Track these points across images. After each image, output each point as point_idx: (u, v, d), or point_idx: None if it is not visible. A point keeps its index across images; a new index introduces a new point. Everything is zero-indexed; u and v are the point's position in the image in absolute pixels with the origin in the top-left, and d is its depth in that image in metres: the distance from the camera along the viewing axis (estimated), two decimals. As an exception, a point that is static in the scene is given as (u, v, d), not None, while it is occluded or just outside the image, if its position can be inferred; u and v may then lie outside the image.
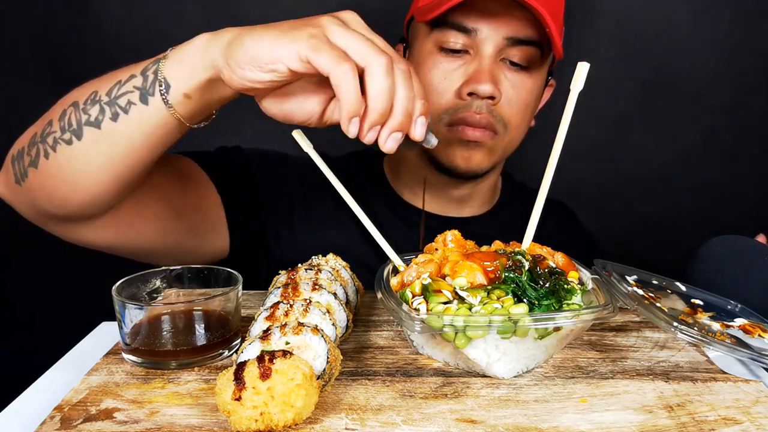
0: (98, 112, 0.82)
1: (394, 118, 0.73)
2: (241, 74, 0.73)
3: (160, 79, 0.79)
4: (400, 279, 0.78)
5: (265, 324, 0.73)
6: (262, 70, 0.72)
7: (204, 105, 0.82)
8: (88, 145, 0.83)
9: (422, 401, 0.68)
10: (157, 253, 1.05)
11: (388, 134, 0.74)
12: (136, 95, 0.80)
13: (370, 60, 0.70)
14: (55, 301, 1.88)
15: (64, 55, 1.76)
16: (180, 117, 0.81)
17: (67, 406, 0.67)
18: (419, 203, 1.29)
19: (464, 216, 1.31)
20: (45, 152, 0.85)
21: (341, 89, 0.69)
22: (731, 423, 0.65)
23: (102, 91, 0.83)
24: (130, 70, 0.83)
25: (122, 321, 0.76)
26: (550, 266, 0.77)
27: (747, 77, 1.87)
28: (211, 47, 0.76)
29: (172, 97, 0.79)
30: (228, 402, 0.60)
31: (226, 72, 0.75)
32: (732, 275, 1.02)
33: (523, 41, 1.08)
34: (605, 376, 0.75)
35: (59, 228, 0.96)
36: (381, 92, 0.71)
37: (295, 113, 0.81)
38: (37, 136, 0.87)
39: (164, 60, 0.80)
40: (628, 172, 1.97)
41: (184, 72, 0.78)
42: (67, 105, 0.85)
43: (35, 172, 0.87)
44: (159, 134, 0.83)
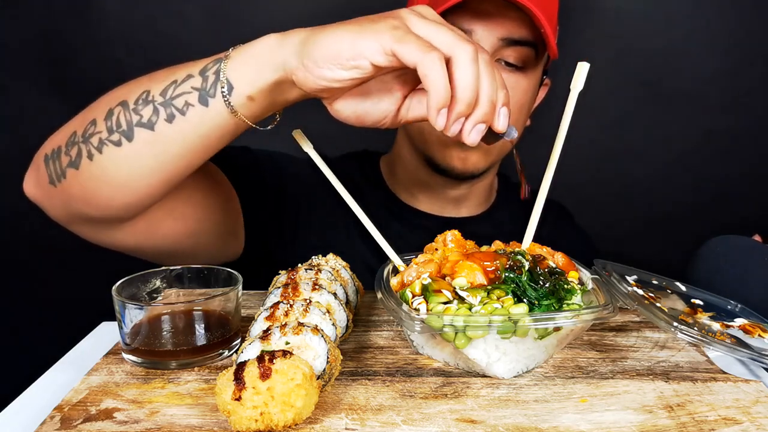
0: (152, 113, 0.78)
1: (480, 109, 0.70)
2: (318, 73, 0.70)
3: (222, 80, 0.76)
4: (400, 279, 0.78)
5: (265, 324, 0.73)
6: (344, 68, 0.69)
7: (267, 107, 0.79)
8: (139, 148, 0.79)
9: (422, 401, 0.68)
10: (181, 254, 1.03)
11: (472, 126, 0.71)
12: (195, 96, 0.77)
13: (456, 49, 0.68)
14: (55, 301, 1.88)
15: (64, 55, 1.76)
16: (243, 118, 0.78)
17: (67, 406, 0.67)
18: (416, 204, 1.29)
19: (461, 216, 1.31)
20: (88, 153, 0.82)
21: (430, 79, 0.66)
22: (731, 423, 0.65)
23: (155, 91, 0.79)
24: (186, 69, 0.80)
25: (122, 321, 0.76)
26: (550, 266, 0.77)
27: (747, 77, 1.87)
28: (282, 47, 0.73)
29: (235, 99, 0.76)
30: (228, 402, 0.60)
31: (300, 72, 0.71)
32: (732, 275, 1.02)
33: (518, 42, 1.08)
34: (605, 376, 0.75)
35: (89, 230, 0.93)
36: (469, 82, 0.68)
37: (370, 113, 0.78)
38: (78, 135, 0.83)
39: (227, 60, 0.76)
40: (628, 172, 1.97)
41: (250, 73, 0.75)
42: (114, 104, 0.82)
43: (75, 174, 0.83)
44: (216, 136, 0.80)
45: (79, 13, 1.73)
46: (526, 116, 1.20)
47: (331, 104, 0.77)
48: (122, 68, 1.68)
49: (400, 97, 0.78)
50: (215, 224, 1.07)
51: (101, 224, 0.91)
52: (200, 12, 1.75)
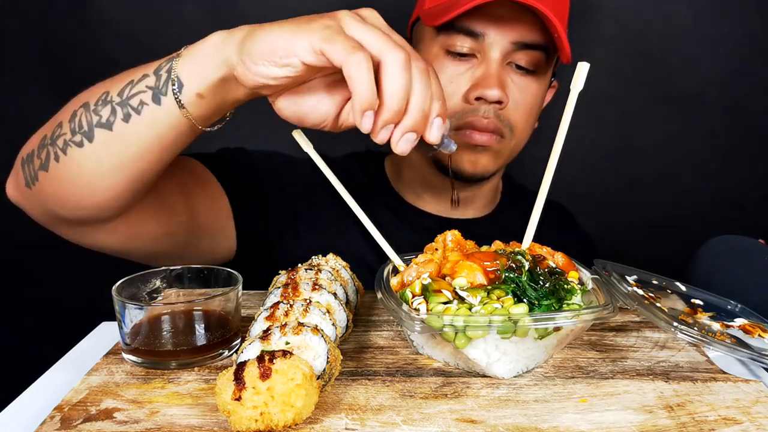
0: (110, 113, 0.80)
1: (409, 118, 0.70)
2: (255, 70, 0.71)
3: (173, 78, 0.77)
4: (400, 279, 0.78)
5: (265, 324, 0.73)
6: (276, 65, 0.70)
7: (217, 106, 0.80)
8: (99, 148, 0.81)
9: (422, 401, 0.68)
10: (167, 255, 1.04)
11: (401, 134, 0.71)
12: (149, 95, 0.78)
13: (386, 54, 0.68)
14: (55, 301, 1.88)
15: (64, 55, 1.76)
16: (192, 118, 0.79)
17: (67, 406, 0.67)
18: (422, 204, 1.29)
19: (466, 218, 1.31)
20: (55, 155, 0.83)
21: (354, 80, 0.66)
22: (731, 423, 0.65)
23: (114, 92, 0.81)
24: (143, 69, 0.81)
25: (122, 321, 0.75)
26: (550, 266, 0.77)
27: (747, 77, 1.87)
28: (226, 44, 0.74)
29: (185, 96, 0.77)
30: (228, 402, 0.60)
31: (239, 68, 0.72)
32: (732, 275, 1.02)
33: (530, 46, 1.08)
34: (605, 376, 0.75)
35: (70, 231, 0.95)
36: (396, 88, 0.68)
37: (310, 115, 0.78)
38: (47, 138, 0.85)
39: (177, 58, 0.78)
40: (628, 172, 1.97)
41: (198, 70, 0.76)
42: (78, 106, 0.83)
43: (46, 176, 0.85)
44: (171, 136, 0.81)
45: (78, 13, 1.73)
46: (535, 119, 1.20)
47: (274, 102, 0.78)
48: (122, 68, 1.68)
49: (341, 100, 0.78)
50: (200, 225, 1.07)
51: (78, 225, 0.92)
52: (200, 12, 1.75)
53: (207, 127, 0.83)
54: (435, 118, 0.72)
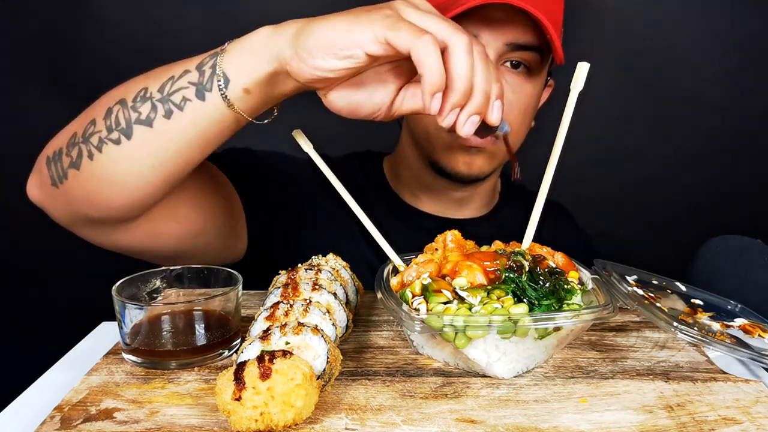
0: (150, 109, 0.79)
1: (474, 100, 0.70)
2: (312, 63, 0.70)
3: (219, 74, 0.76)
4: (400, 279, 0.78)
5: (265, 324, 0.73)
6: (337, 57, 0.69)
7: (263, 101, 0.79)
8: (138, 145, 0.79)
9: (422, 401, 0.68)
10: (183, 255, 1.03)
11: (467, 117, 0.71)
12: (192, 91, 0.77)
13: (451, 38, 0.68)
14: (55, 301, 1.88)
15: (64, 55, 1.76)
16: (240, 112, 0.78)
17: (67, 406, 0.67)
18: (420, 205, 1.29)
19: (464, 218, 1.31)
20: (89, 153, 0.82)
21: (424, 62, 0.65)
22: (731, 423, 0.65)
23: (153, 88, 0.79)
24: (183, 65, 0.80)
25: (122, 321, 0.76)
26: (550, 266, 0.77)
27: (747, 77, 1.87)
28: (277, 38, 0.73)
29: (231, 92, 0.76)
30: (228, 402, 0.60)
31: (294, 63, 0.71)
32: (732, 275, 1.02)
33: (524, 47, 1.08)
34: (605, 376, 0.75)
35: (93, 232, 0.93)
36: (464, 71, 0.68)
37: (364, 105, 0.77)
38: (78, 136, 0.83)
39: (223, 54, 0.77)
40: (628, 172, 1.97)
41: (246, 65, 0.75)
42: (113, 102, 0.82)
43: (76, 174, 0.83)
44: (214, 131, 0.80)
45: (79, 13, 1.73)
46: (530, 119, 1.20)
47: (326, 95, 0.77)
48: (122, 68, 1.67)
49: (394, 89, 0.78)
50: (217, 226, 1.07)
51: (103, 225, 0.91)
52: (200, 12, 1.75)
53: (256, 120, 0.82)
54: (495, 101, 0.73)
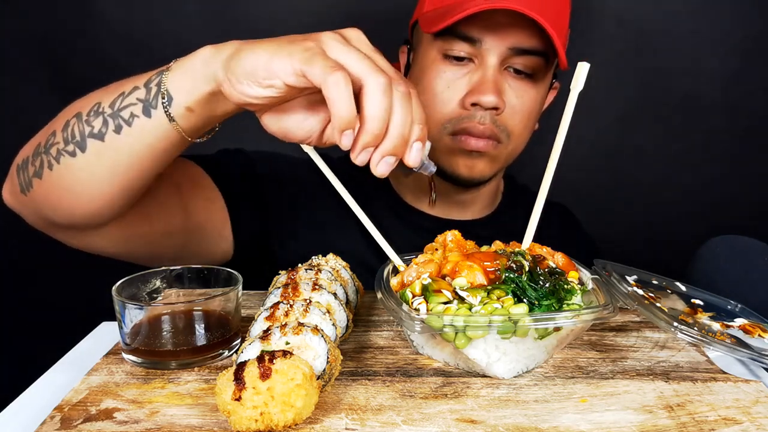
0: (101, 124, 0.81)
1: (388, 142, 0.70)
2: (239, 89, 0.71)
3: (163, 92, 0.77)
4: (400, 279, 0.78)
5: (265, 324, 0.73)
6: (260, 86, 0.70)
7: (206, 119, 0.80)
8: (91, 157, 0.82)
9: (422, 401, 0.68)
10: (164, 257, 1.05)
11: (380, 158, 0.70)
12: (139, 108, 0.79)
13: (367, 78, 0.68)
14: (55, 301, 1.88)
15: (64, 55, 1.76)
16: (182, 131, 0.79)
17: (67, 406, 0.67)
18: (421, 206, 1.29)
19: (466, 219, 1.31)
20: (49, 163, 0.84)
21: (332, 100, 0.65)
22: (731, 423, 0.65)
23: (105, 103, 0.82)
24: (134, 81, 0.82)
25: (122, 321, 0.76)
26: (550, 266, 0.77)
27: (747, 77, 1.87)
28: (213, 60, 0.74)
29: (175, 110, 0.78)
30: (228, 402, 0.60)
31: (226, 86, 0.73)
32: (732, 275, 1.02)
33: (528, 51, 1.08)
34: (605, 376, 0.75)
35: (64, 235, 0.96)
36: (376, 113, 0.67)
37: (294, 131, 0.78)
38: (41, 146, 0.86)
39: (167, 72, 0.78)
40: (628, 172, 1.97)
41: (187, 84, 0.76)
42: (71, 116, 0.84)
43: (40, 183, 0.86)
44: (162, 147, 0.82)
45: (78, 14, 1.73)
46: (534, 123, 1.20)
47: (260, 117, 0.78)
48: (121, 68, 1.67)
49: (325, 118, 0.78)
50: (196, 226, 1.08)
51: (72, 230, 0.93)
52: (200, 12, 1.75)
53: (197, 139, 0.84)
54: (414, 142, 0.72)
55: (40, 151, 0.86)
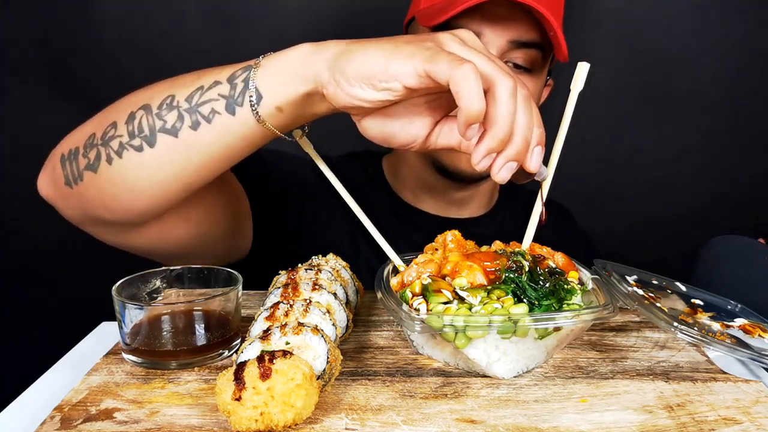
0: (176, 119, 0.76)
1: (513, 147, 0.66)
2: (349, 91, 0.68)
3: (251, 89, 0.73)
4: (400, 279, 0.78)
5: (265, 324, 0.73)
6: (375, 88, 0.67)
7: (295, 119, 0.76)
8: (160, 154, 0.77)
9: (422, 401, 0.68)
10: (189, 254, 1.02)
11: (503, 163, 0.67)
12: (222, 104, 0.75)
13: (496, 78, 0.64)
14: (55, 301, 1.88)
15: (65, 55, 1.76)
16: (271, 127, 0.76)
17: (67, 406, 0.67)
18: (420, 205, 1.29)
19: (464, 217, 1.31)
20: (108, 157, 0.80)
21: (462, 90, 0.61)
22: (731, 423, 0.65)
23: (180, 96, 0.77)
24: (214, 75, 0.77)
25: (122, 321, 0.76)
26: (550, 266, 0.77)
27: (747, 77, 1.87)
28: (315, 59, 0.70)
29: (263, 109, 0.73)
30: (228, 402, 0.60)
31: (331, 87, 0.69)
32: (732, 275, 1.02)
33: (527, 44, 1.08)
34: (605, 376, 0.75)
35: (103, 231, 0.92)
36: (505, 116, 0.64)
37: (398, 136, 0.74)
38: (97, 137, 0.81)
39: (257, 68, 0.74)
40: (628, 172, 1.97)
41: (281, 83, 0.72)
42: (136, 107, 0.79)
43: (93, 177, 0.81)
44: (241, 145, 0.78)
45: (79, 13, 1.73)
46: None
47: (360, 121, 0.75)
48: (122, 68, 1.68)
49: (431, 122, 0.74)
50: (225, 226, 1.06)
51: (115, 227, 0.90)
52: (200, 12, 1.75)
53: (287, 136, 0.80)
54: (535, 147, 0.70)
55: (96, 142, 0.81)
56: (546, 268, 0.76)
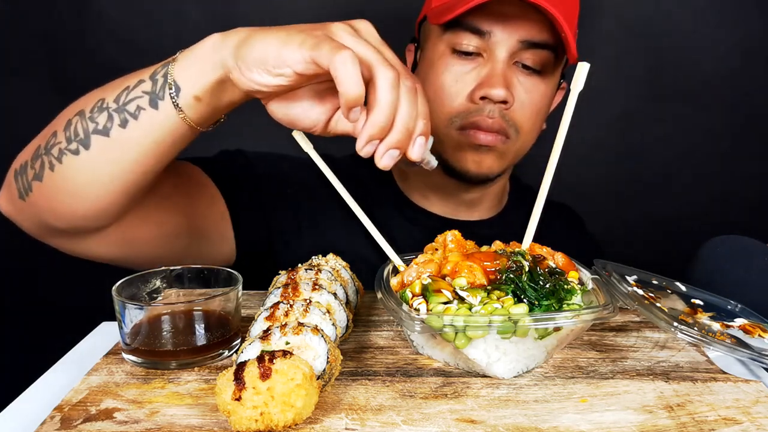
0: (106, 119, 0.80)
1: (393, 135, 0.71)
2: (249, 76, 0.72)
3: (170, 82, 0.77)
4: (400, 279, 0.78)
5: (265, 324, 0.73)
6: (270, 74, 0.71)
7: (214, 108, 0.80)
8: (96, 155, 0.81)
9: (422, 401, 0.68)
10: (166, 260, 1.02)
11: (384, 150, 0.72)
12: (146, 100, 0.79)
13: (376, 69, 0.68)
14: (55, 301, 1.88)
15: (64, 56, 1.76)
16: (190, 121, 0.79)
17: (67, 406, 0.67)
18: (428, 206, 1.28)
19: (474, 219, 1.30)
20: (50, 164, 0.83)
21: (341, 77, 0.65)
22: (731, 423, 0.65)
23: (109, 98, 0.81)
24: (138, 75, 0.81)
25: (122, 321, 0.76)
26: (550, 266, 0.77)
27: (747, 77, 1.87)
28: (222, 47, 0.74)
29: (183, 100, 0.77)
30: (228, 402, 0.60)
31: (235, 73, 0.73)
32: (732, 275, 1.02)
33: (538, 45, 1.07)
34: (605, 376, 0.75)
35: (62, 242, 0.95)
36: (383, 105, 0.68)
37: (301, 119, 0.79)
38: (41, 148, 0.85)
39: (173, 63, 0.78)
40: (628, 172, 1.97)
41: (194, 73, 0.76)
42: (72, 114, 0.83)
43: (40, 186, 0.85)
44: (169, 140, 0.81)
45: (78, 14, 1.73)
46: (542, 120, 1.19)
47: (267, 105, 0.79)
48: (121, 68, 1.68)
49: (331, 108, 0.79)
50: (196, 229, 1.07)
51: (72, 236, 0.92)
52: (200, 12, 1.75)
53: (205, 129, 0.83)
54: (418, 137, 0.74)
55: (40, 153, 0.85)
56: (546, 268, 0.76)
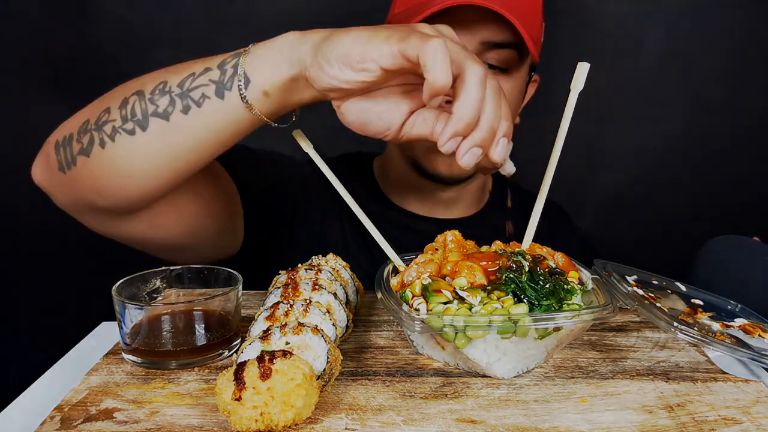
0: (168, 103, 0.79)
1: (478, 132, 0.70)
2: (329, 72, 0.71)
3: (240, 74, 0.76)
4: (400, 279, 0.78)
5: (265, 324, 0.73)
6: (353, 69, 0.70)
7: (280, 105, 0.79)
8: (152, 137, 0.80)
9: (422, 401, 0.68)
10: (180, 248, 1.03)
11: (468, 147, 0.71)
12: (212, 89, 0.78)
13: (465, 66, 0.68)
14: (55, 301, 1.88)
15: (64, 55, 1.76)
16: (258, 113, 0.78)
17: (67, 406, 0.67)
18: (408, 206, 1.29)
19: (452, 218, 1.31)
20: (101, 141, 0.81)
21: (430, 64, 0.64)
22: (731, 423, 0.65)
23: (173, 82, 0.80)
24: (205, 62, 0.80)
25: (122, 321, 0.76)
26: (550, 266, 0.77)
27: (746, 77, 1.87)
28: (300, 44, 0.74)
29: (251, 93, 0.77)
30: (228, 402, 0.60)
31: (313, 70, 0.72)
32: (732, 275, 1.02)
33: (500, 44, 1.08)
34: (605, 376, 0.75)
35: (95, 220, 0.93)
36: (472, 101, 0.68)
37: (374, 123, 0.77)
38: (90, 123, 0.83)
39: (245, 54, 0.77)
40: (628, 172, 1.97)
41: (267, 68, 0.76)
42: (130, 93, 0.82)
43: (86, 161, 0.83)
44: (230, 130, 0.81)
45: (78, 13, 1.74)
46: (514, 116, 1.20)
47: (339, 107, 0.77)
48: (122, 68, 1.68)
49: (406, 111, 0.77)
50: (216, 221, 1.07)
51: (107, 214, 0.90)
52: (200, 12, 1.75)
53: (274, 123, 0.82)
54: (501, 138, 0.73)
55: (90, 128, 0.83)
56: (546, 268, 0.76)
